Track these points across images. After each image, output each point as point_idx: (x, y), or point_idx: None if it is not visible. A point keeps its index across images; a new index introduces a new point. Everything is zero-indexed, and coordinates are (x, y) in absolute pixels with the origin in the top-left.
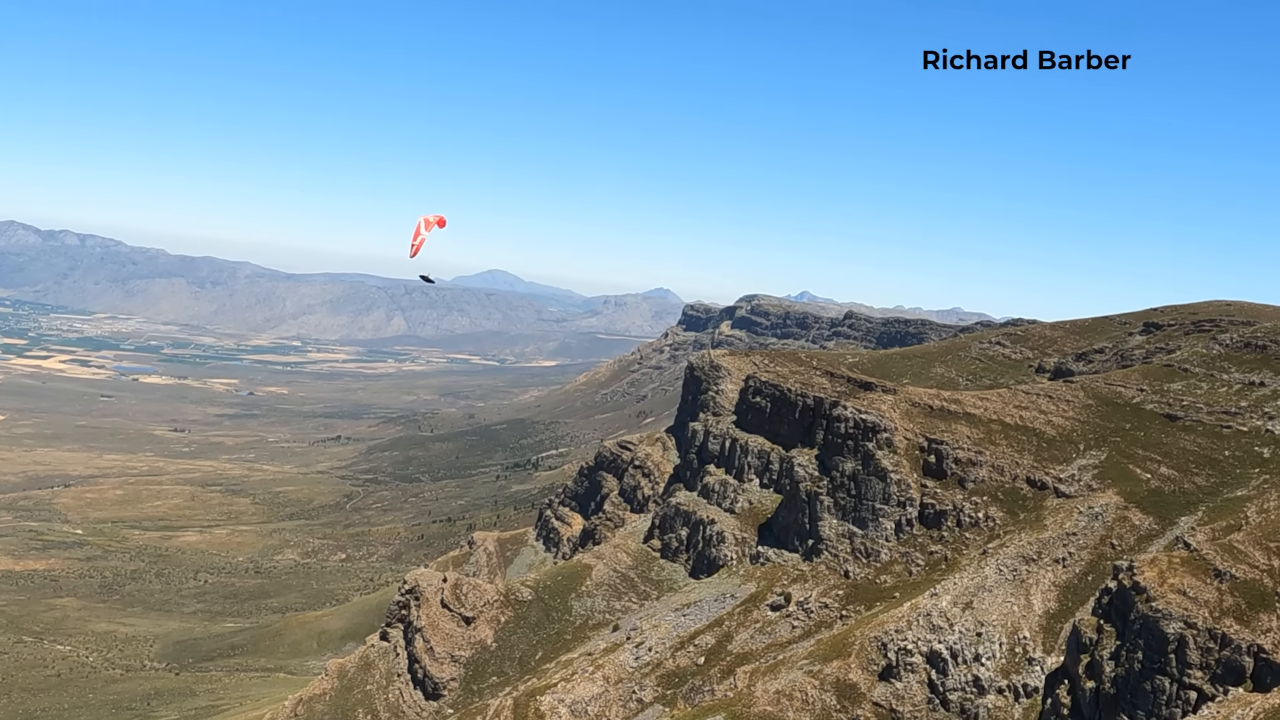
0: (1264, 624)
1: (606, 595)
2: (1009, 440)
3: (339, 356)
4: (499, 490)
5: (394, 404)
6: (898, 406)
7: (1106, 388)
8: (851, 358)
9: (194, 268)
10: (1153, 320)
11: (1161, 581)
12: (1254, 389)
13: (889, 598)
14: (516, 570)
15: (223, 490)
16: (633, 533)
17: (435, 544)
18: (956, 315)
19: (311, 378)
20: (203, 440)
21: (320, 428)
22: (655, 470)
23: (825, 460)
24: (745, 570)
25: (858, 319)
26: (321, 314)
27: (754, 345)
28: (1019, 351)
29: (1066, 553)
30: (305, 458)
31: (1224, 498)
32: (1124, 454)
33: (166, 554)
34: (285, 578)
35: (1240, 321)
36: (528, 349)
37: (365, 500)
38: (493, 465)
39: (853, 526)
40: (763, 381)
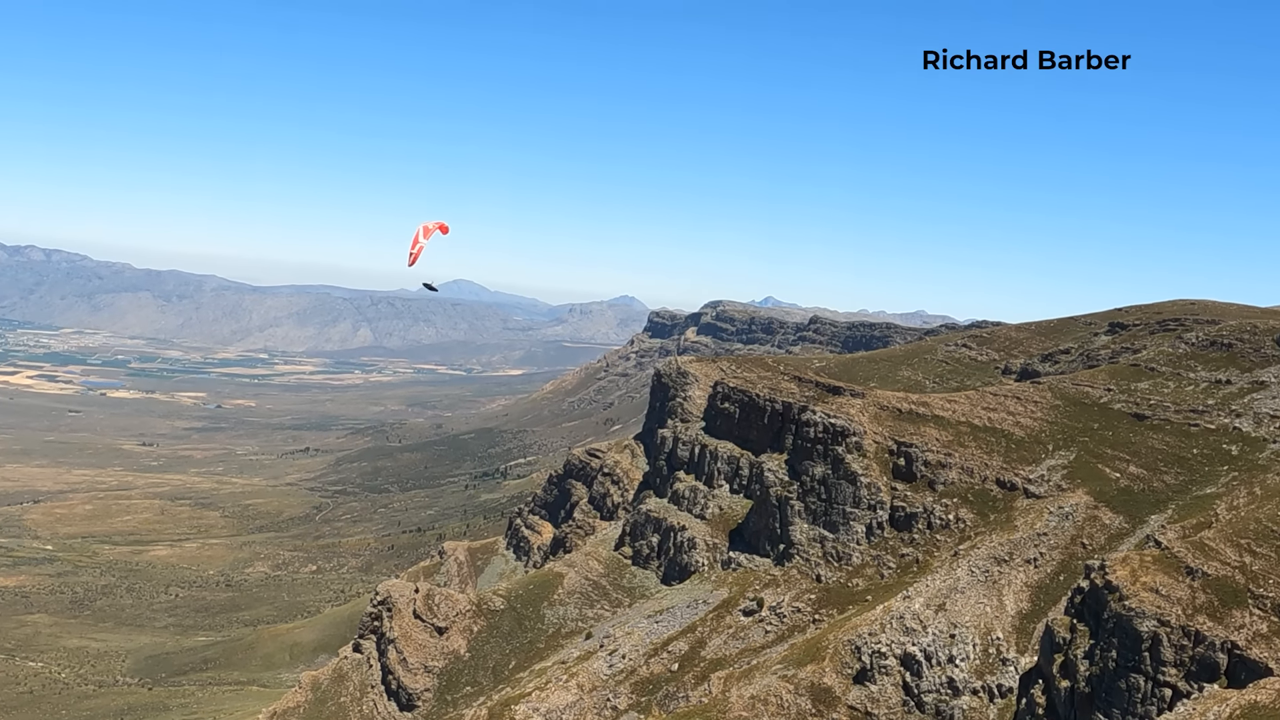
0: (1237, 620)
1: (579, 603)
2: (978, 442)
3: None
4: (468, 500)
5: (362, 415)
6: (866, 410)
7: (1074, 388)
8: (818, 362)
9: (160, 281)
10: (1118, 320)
11: (1134, 580)
12: (1221, 387)
13: (861, 601)
14: (488, 579)
15: (192, 504)
16: (604, 540)
17: (405, 554)
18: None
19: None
20: (171, 454)
21: (288, 440)
22: (624, 478)
23: (795, 465)
24: (717, 576)
25: (823, 323)
26: (288, 326)
27: (720, 351)
28: (985, 353)
29: (1038, 553)
30: (274, 470)
31: (1193, 495)
32: (1093, 454)
33: (137, 568)
34: (256, 590)
35: (1205, 320)
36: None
37: (335, 512)
38: (461, 475)
39: (824, 530)
40: (731, 387)
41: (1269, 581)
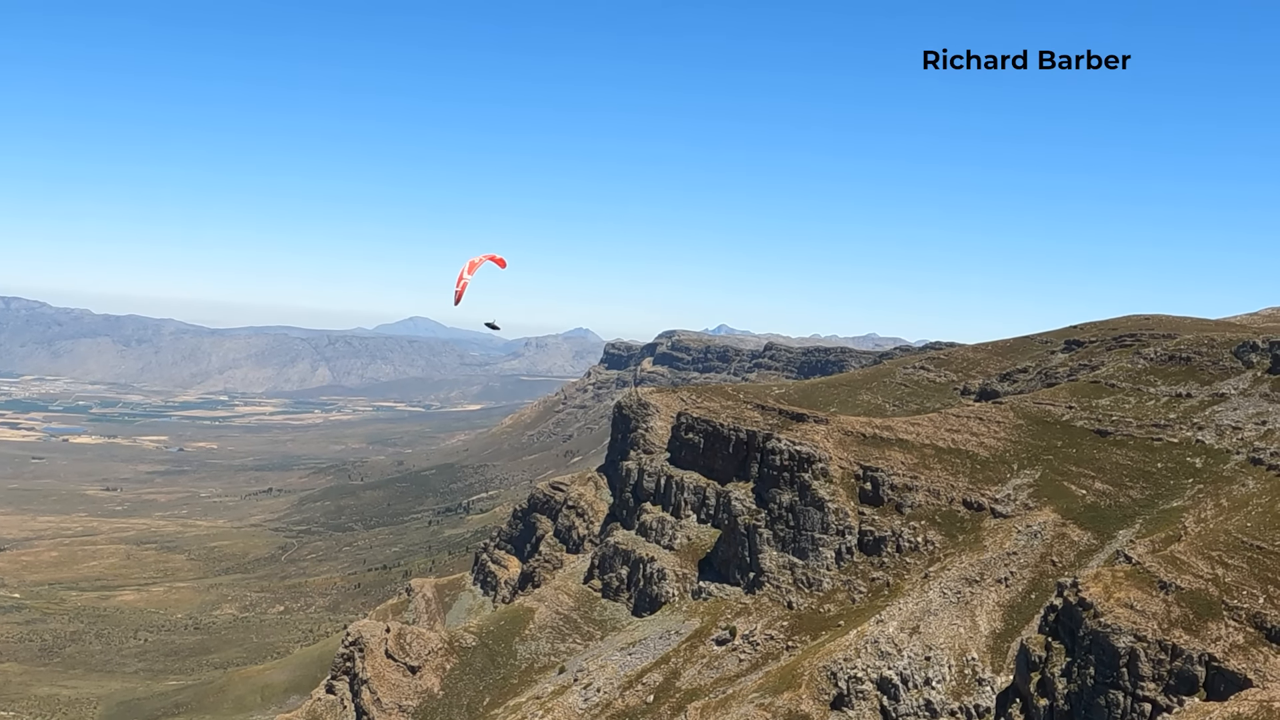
0: (1213, 632)
1: (550, 637)
2: (943, 464)
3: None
4: (432, 535)
5: (323, 454)
6: (831, 436)
7: (1035, 407)
8: (778, 389)
9: (119, 326)
10: (1074, 338)
11: (1108, 596)
12: (1181, 401)
13: (834, 626)
14: (456, 615)
15: (158, 547)
16: (572, 573)
17: (372, 592)
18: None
19: (240, 431)
20: (135, 498)
21: (251, 481)
22: (589, 510)
23: (762, 493)
24: (688, 606)
25: (778, 350)
26: (247, 367)
27: (677, 380)
28: (943, 375)
29: (1008, 572)
30: (238, 511)
31: (1160, 509)
32: (1058, 471)
33: (105, 614)
34: (225, 632)
35: (1161, 335)
36: (452, 394)
37: (300, 551)
38: (424, 511)
39: (793, 557)
40: (695, 417)
41: (1242, 593)
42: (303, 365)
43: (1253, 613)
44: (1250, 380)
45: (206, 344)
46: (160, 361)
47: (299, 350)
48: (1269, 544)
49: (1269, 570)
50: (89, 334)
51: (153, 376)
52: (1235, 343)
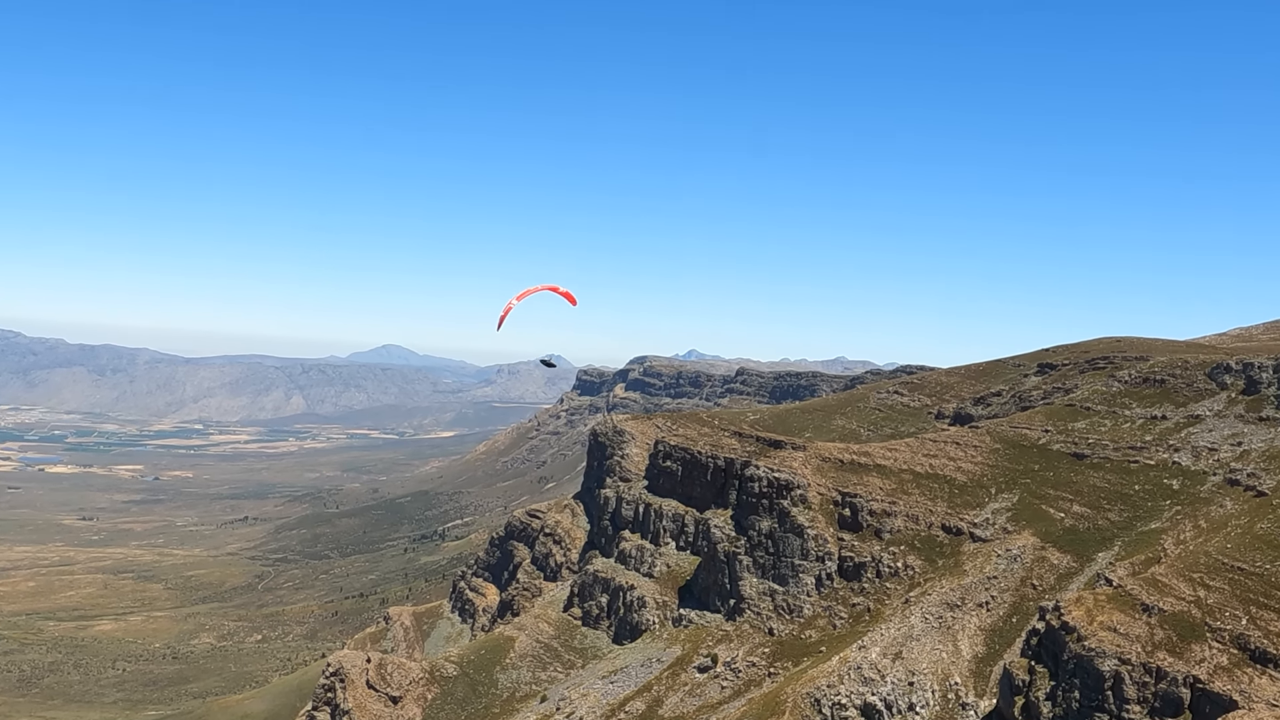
0: (1197, 654)
1: (531, 666)
2: (921, 489)
3: (241, 437)
4: (408, 563)
5: (298, 482)
6: (809, 462)
7: (1012, 431)
8: (752, 415)
9: (94, 356)
10: (1046, 361)
11: (1090, 620)
12: (1157, 423)
13: (816, 652)
14: (434, 643)
15: (135, 577)
16: (552, 602)
17: (350, 620)
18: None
19: (215, 460)
20: (112, 527)
21: (227, 509)
22: (566, 537)
23: (741, 520)
24: (669, 634)
25: (749, 374)
26: (221, 396)
27: (649, 406)
28: (917, 399)
29: (989, 596)
30: (214, 540)
31: (1139, 531)
32: (1036, 495)
33: (83, 644)
34: (203, 662)
35: (1134, 357)
36: (425, 421)
37: (277, 580)
38: (400, 538)
39: (773, 584)
40: (672, 445)
41: (1225, 614)
42: (277, 394)
43: (1236, 634)
44: (1225, 401)
45: (181, 373)
46: (135, 390)
47: (273, 379)
48: (1250, 565)
49: (1250, 591)
50: (64, 363)
51: (128, 405)
52: (1209, 364)
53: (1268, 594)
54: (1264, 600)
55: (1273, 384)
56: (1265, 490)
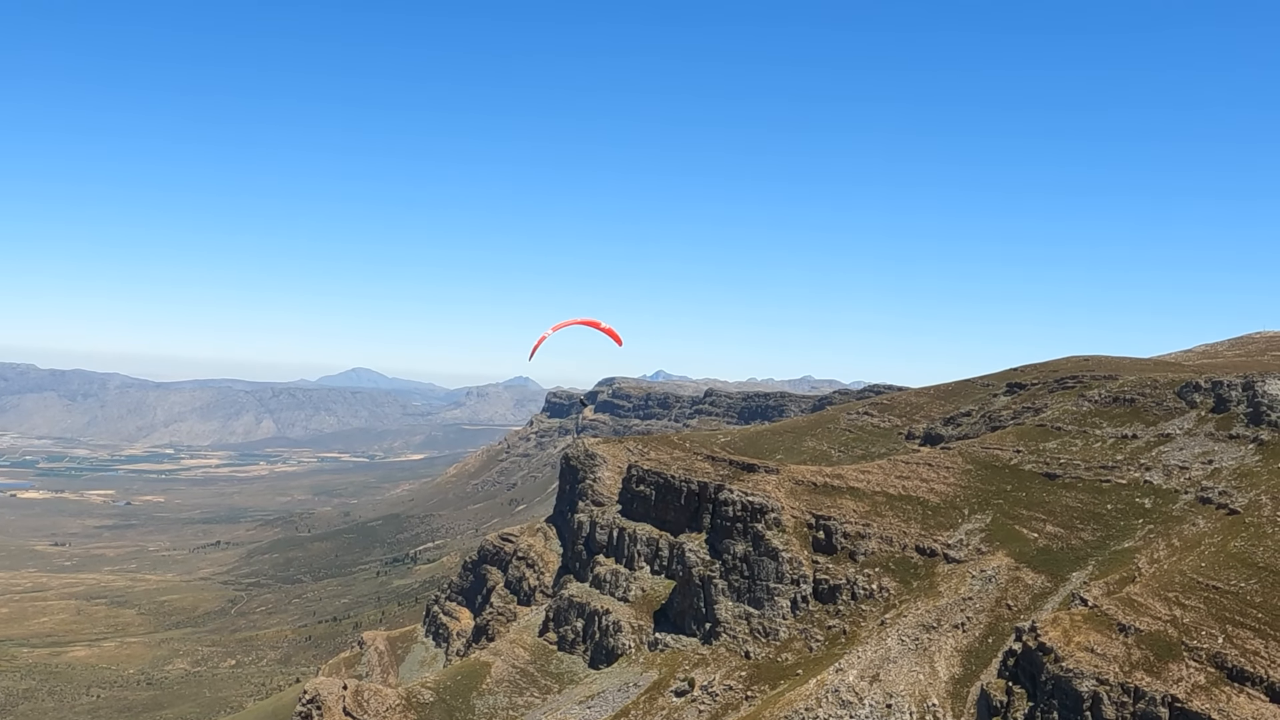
0: (1175, 674)
1: (508, 691)
2: (894, 511)
3: (212, 461)
4: (381, 586)
5: (269, 506)
6: (782, 486)
7: (983, 451)
8: (723, 437)
9: (65, 381)
10: (1015, 380)
11: (1067, 640)
12: (1128, 442)
13: (792, 675)
14: (409, 668)
15: (108, 602)
16: (527, 626)
17: (323, 644)
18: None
19: (187, 484)
20: (84, 553)
21: (199, 534)
22: (539, 561)
23: (715, 544)
24: (645, 658)
25: (718, 395)
26: (192, 421)
27: (619, 428)
28: (887, 420)
29: (965, 617)
30: (187, 565)
31: (1112, 550)
32: (1009, 515)
33: (57, 670)
34: (178, 688)
35: (1102, 376)
36: (396, 443)
37: (250, 604)
38: (372, 561)
39: (749, 607)
40: (645, 470)
41: (1201, 633)
42: (247, 418)
43: (1213, 653)
44: (1195, 420)
45: (152, 398)
46: (106, 415)
47: (243, 403)
48: (1225, 584)
49: (1226, 610)
50: (35, 389)
51: (99, 430)
52: (1178, 383)
53: (1243, 612)
54: (1240, 619)
55: (1242, 402)
56: (1238, 508)
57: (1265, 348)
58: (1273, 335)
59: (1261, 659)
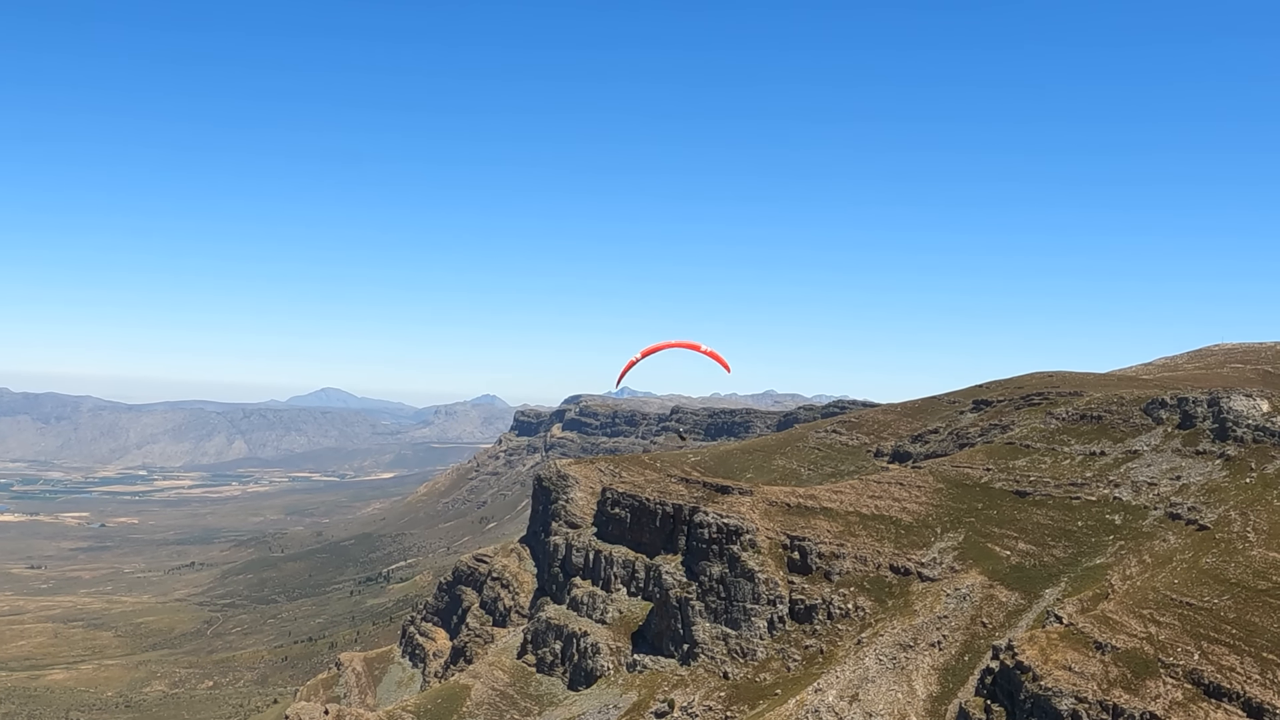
0: (1152, 690)
1: (488, 714)
2: (868, 530)
3: (185, 483)
4: (355, 605)
5: (242, 526)
6: (757, 507)
7: (954, 470)
8: (693, 456)
9: (38, 404)
10: (981, 397)
11: (1045, 659)
12: (1096, 459)
13: (771, 695)
14: (386, 688)
15: (85, 625)
16: (505, 649)
17: (300, 664)
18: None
19: (160, 505)
20: (60, 575)
21: (174, 555)
22: (514, 581)
23: (691, 565)
24: (624, 679)
25: (684, 412)
26: (165, 442)
27: (586, 446)
28: (856, 438)
29: (940, 635)
30: (162, 586)
31: (1084, 567)
32: (981, 533)
33: (35, 694)
34: (156, 710)
35: (1068, 393)
36: (365, 462)
37: (225, 625)
38: (345, 581)
39: (726, 628)
40: (620, 493)
41: (1177, 650)
42: (219, 439)
43: (1189, 669)
44: (1162, 436)
45: (124, 420)
46: (80, 438)
47: (215, 424)
48: (1198, 600)
49: (1200, 626)
50: (8, 412)
51: (72, 453)
52: (1143, 400)
53: (1218, 629)
54: (1214, 635)
55: (1208, 418)
56: (1207, 524)
57: (1224, 360)
58: (1231, 348)
59: (1238, 674)
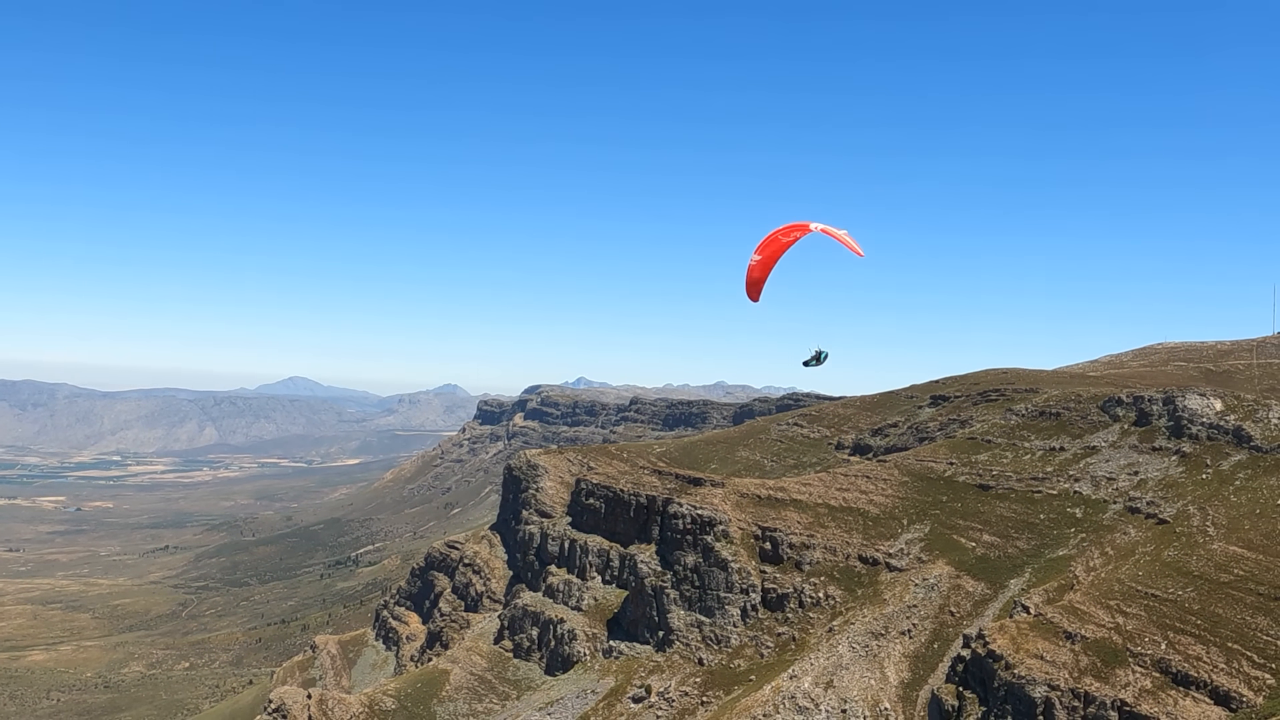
0: (1122, 679)
1: (468, 698)
2: (837, 522)
3: (158, 468)
4: (325, 589)
5: (214, 510)
6: (729, 499)
7: (918, 464)
8: (659, 447)
9: (15, 391)
10: (939, 393)
11: (1016, 648)
12: (1056, 454)
13: (745, 681)
14: (361, 671)
15: (63, 607)
16: (482, 634)
17: (273, 646)
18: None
19: (135, 490)
20: (38, 558)
21: (148, 538)
22: (485, 567)
23: (666, 555)
24: (601, 665)
25: (643, 404)
26: (138, 428)
27: (548, 435)
28: (817, 431)
29: (910, 624)
30: (137, 569)
31: (1047, 558)
32: (946, 525)
33: (16, 674)
34: (135, 690)
35: (1025, 390)
36: (332, 449)
37: (200, 607)
38: (315, 564)
39: (700, 616)
40: (595, 484)
41: (1145, 639)
42: (191, 425)
43: (1157, 658)
44: (1119, 433)
45: (99, 406)
46: (56, 424)
47: (187, 411)
48: (1163, 592)
49: (1166, 617)
50: None
51: (49, 439)
52: (1100, 397)
53: (1183, 619)
54: (1180, 625)
55: (1163, 416)
56: (1166, 518)
57: (1167, 358)
58: (1174, 346)
59: (1204, 664)
